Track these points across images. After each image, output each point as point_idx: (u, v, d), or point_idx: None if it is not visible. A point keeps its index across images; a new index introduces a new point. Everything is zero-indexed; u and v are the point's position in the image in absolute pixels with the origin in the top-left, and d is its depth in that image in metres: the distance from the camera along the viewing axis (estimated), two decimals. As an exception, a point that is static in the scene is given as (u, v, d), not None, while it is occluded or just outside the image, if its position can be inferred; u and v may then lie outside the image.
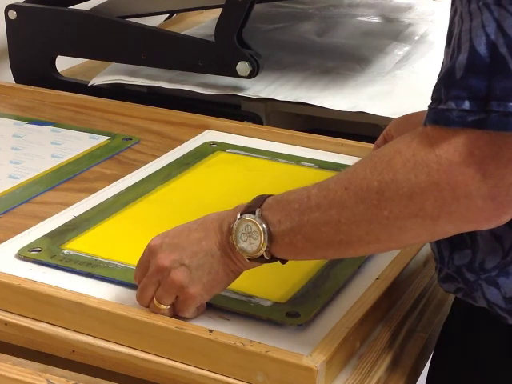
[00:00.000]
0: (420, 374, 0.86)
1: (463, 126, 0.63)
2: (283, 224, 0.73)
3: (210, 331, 0.75)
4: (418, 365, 0.84)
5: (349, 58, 1.43)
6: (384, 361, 0.79)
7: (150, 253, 0.78)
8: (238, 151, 1.15)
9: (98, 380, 0.77)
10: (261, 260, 0.75)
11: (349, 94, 1.27)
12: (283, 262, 0.76)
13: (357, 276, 0.85)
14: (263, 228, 0.73)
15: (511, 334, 0.76)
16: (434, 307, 0.90)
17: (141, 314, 0.77)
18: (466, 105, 0.63)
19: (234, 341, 0.74)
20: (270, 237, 0.73)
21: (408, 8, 1.76)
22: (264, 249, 0.74)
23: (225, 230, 0.76)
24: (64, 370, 0.77)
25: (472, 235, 0.75)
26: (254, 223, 0.73)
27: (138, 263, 0.80)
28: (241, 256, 0.75)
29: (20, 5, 1.39)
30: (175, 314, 0.78)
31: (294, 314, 0.78)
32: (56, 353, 0.80)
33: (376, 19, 1.69)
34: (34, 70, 1.40)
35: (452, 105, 0.64)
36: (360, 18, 1.69)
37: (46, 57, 1.39)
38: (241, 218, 0.75)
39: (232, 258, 0.76)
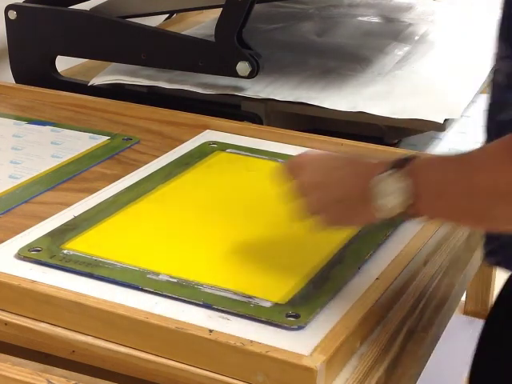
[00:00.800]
0: (420, 374, 0.86)
1: None
2: (432, 190, 0.72)
3: (210, 331, 0.75)
4: (418, 365, 0.84)
5: (349, 58, 1.43)
6: (384, 361, 0.79)
7: (297, 165, 0.82)
8: (238, 151, 1.15)
9: (98, 380, 0.77)
10: (400, 215, 0.75)
11: (349, 94, 1.27)
12: (423, 219, 0.76)
13: (357, 276, 0.85)
14: (407, 186, 0.72)
15: None
16: (434, 307, 0.90)
17: (141, 314, 0.77)
18: None
19: (234, 341, 0.74)
20: (414, 196, 0.72)
21: (408, 8, 1.76)
22: (403, 208, 0.73)
23: (369, 181, 0.75)
24: (64, 370, 0.77)
25: None
26: (398, 181, 0.73)
27: (288, 162, 0.84)
28: (377, 210, 0.75)
29: (20, 5, 1.39)
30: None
31: (294, 315, 0.78)
32: (56, 353, 0.80)
33: (376, 19, 1.69)
34: (34, 70, 1.40)
35: None
36: (360, 18, 1.69)
37: (46, 57, 1.40)
38: (387, 173, 0.74)
39: (369, 208, 0.76)
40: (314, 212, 0.80)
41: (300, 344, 0.74)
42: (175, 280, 0.83)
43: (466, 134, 1.32)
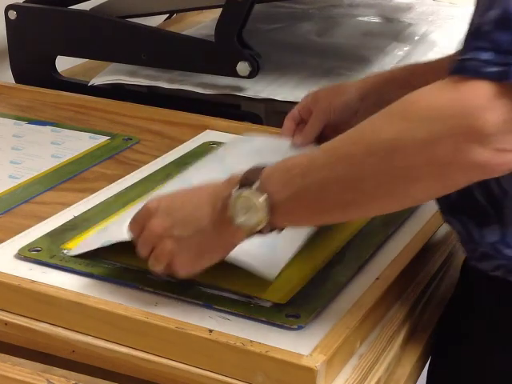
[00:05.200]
0: (420, 374, 0.86)
1: (479, 75, 0.64)
2: (285, 192, 0.72)
3: (210, 331, 0.75)
4: (418, 365, 0.84)
5: (349, 58, 1.43)
6: (384, 361, 0.79)
7: (146, 213, 0.79)
8: (238, 151, 1.14)
9: (98, 380, 0.77)
10: (259, 233, 0.74)
11: (349, 94, 1.27)
12: (280, 231, 0.76)
13: (357, 276, 0.85)
14: (263, 200, 0.72)
15: None
16: (434, 307, 0.90)
17: (141, 314, 0.77)
18: (486, 55, 0.64)
19: (234, 341, 0.74)
20: (272, 208, 0.72)
21: (408, 8, 1.76)
22: (265, 222, 0.73)
23: (219, 205, 0.75)
24: (64, 370, 0.77)
25: (496, 207, 0.76)
26: (254, 196, 0.72)
27: (134, 217, 0.80)
28: (237, 231, 0.74)
29: (20, 5, 1.39)
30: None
31: (294, 315, 0.78)
32: (56, 353, 0.80)
33: (376, 19, 1.69)
34: (33, 70, 1.40)
35: (472, 55, 0.65)
36: (360, 18, 1.69)
37: (46, 57, 1.40)
38: (238, 192, 0.73)
39: (225, 233, 0.75)
40: (168, 260, 0.77)
41: (300, 344, 0.74)
42: (175, 280, 0.82)
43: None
